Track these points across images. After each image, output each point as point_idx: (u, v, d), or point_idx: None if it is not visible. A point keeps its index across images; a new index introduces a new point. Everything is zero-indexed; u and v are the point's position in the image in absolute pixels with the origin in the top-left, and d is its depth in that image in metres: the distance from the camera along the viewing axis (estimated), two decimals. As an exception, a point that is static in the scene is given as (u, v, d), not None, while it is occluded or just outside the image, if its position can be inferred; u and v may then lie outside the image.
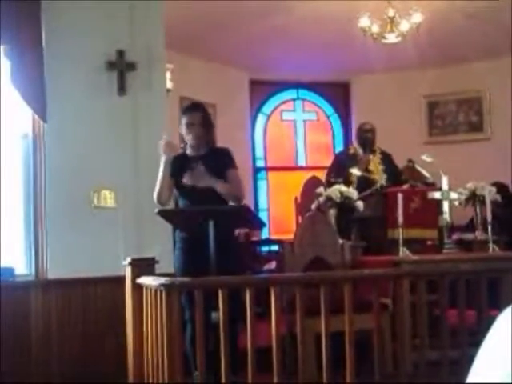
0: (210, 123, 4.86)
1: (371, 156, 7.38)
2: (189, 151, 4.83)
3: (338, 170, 7.28)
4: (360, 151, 7.44)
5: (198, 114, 4.77)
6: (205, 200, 4.55)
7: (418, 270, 4.92)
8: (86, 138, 5.60)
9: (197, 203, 4.60)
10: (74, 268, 5.41)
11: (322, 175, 7.94)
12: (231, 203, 4.72)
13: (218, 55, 8.90)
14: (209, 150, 4.81)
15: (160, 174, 4.70)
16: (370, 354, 4.34)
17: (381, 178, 7.19)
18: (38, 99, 5.40)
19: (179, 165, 4.72)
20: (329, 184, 6.97)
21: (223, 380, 3.76)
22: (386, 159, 7.45)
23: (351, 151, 7.60)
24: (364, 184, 6.94)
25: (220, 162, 4.74)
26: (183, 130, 4.79)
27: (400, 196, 5.77)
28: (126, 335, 4.60)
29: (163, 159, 4.71)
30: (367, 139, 7.46)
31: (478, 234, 6.26)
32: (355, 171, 7.03)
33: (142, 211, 5.53)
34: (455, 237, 6.38)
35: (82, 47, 5.62)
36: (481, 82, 9.53)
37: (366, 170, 7.25)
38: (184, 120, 4.78)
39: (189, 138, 4.77)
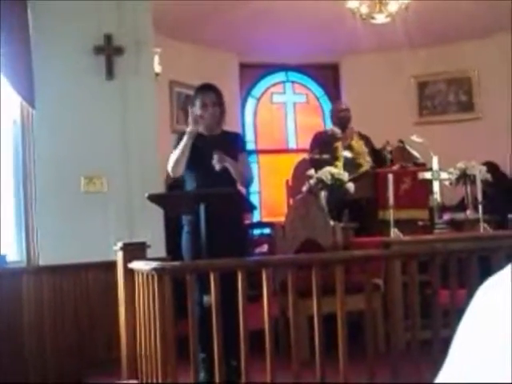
0: (223, 103, 4.84)
1: (348, 132, 7.36)
2: (202, 130, 4.77)
3: (321, 147, 7.25)
4: (337, 131, 7.40)
5: (213, 93, 4.76)
6: (218, 180, 4.53)
7: (409, 251, 4.93)
8: (75, 123, 5.58)
9: (209, 183, 4.56)
10: (65, 254, 5.40)
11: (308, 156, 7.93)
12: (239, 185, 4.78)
13: (207, 39, 8.85)
14: (221, 132, 4.82)
15: (182, 144, 4.63)
16: (362, 334, 4.36)
17: (366, 161, 7.18)
18: (25, 85, 5.37)
19: (192, 143, 4.68)
20: (314, 161, 6.95)
21: (216, 364, 3.77)
22: (364, 139, 7.42)
23: (329, 132, 7.57)
24: (351, 166, 6.94)
25: (233, 145, 4.77)
26: (197, 110, 4.75)
27: (390, 177, 5.77)
28: (118, 320, 4.61)
29: (189, 130, 4.66)
30: (345, 118, 7.42)
31: (469, 214, 6.28)
32: (346, 153, 7.03)
33: (133, 196, 5.52)
34: (446, 217, 6.39)
35: (69, 32, 5.59)
36: (470, 61, 9.51)
37: (350, 147, 7.23)
38: (198, 100, 4.74)
39: (205, 118, 4.74)
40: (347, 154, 7.04)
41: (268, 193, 9.85)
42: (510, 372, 0.76)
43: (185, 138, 4.66)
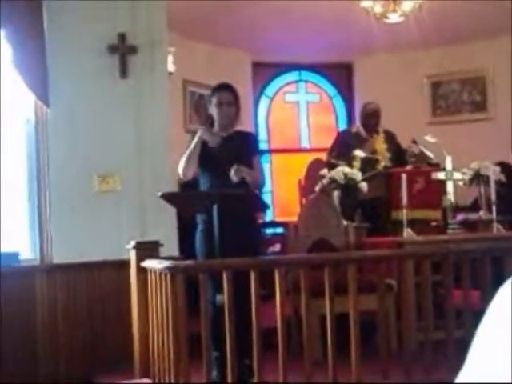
0: (238, 103, 4.84)
1: (375, 135, 7.30)
2: (216, 131, 4.80)
3: (340, 149, 7.21)
4: (363, 131, 7.34)
5: (229, 93, 4.77)
6: (231, 179, 4.54)
7: (422, 251, 4.92)
8: (89, 122, 5.59)
9: (222, 182, 4.57)
10: (78, 252, 5.42)
11: (325, 157, 7.92)
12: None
13: (220, 38, 8.86)
14: (234, 132, 4.82)
15: (192, 146, 4.67)
16: (374, 334, 4.35)
17: (384, 158, 7.14)
18: (40, 84, 5.39)
19: (205, 142, 4.70)
20: (329, 165, 6.92)
21: (229, 362, 3.77)
22: (390, 138, 7.36)
23: (354, 130, 7.51)
24: (367, 164, 6.90)
25: (246, 146, 4.76)
26: (213, 109, 4.76)
27: (404, 177, 5.76)
28: (131, 318, 4.62)
29: (199, 133, 4.69)
30: (370, 124, 7.33)
31: (483, 214, 6.25)
32: (359, 153, 6.99)
33: (146, 194, 5.53)
34: (459, 217, 6.36)
35: (84, 31, 5.60)
36: (484, 60, 9.47)
37: (373, 151, 7.18)
38: (214, 99, 4.74)
39: (219, 117, 4.75)
40: (361, 153, 6.98)
41: (281, 192, 9.84)
42: None
43: (193, 142, 4.67)
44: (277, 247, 8.20)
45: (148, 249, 4.51)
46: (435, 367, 4.08)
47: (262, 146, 10.01)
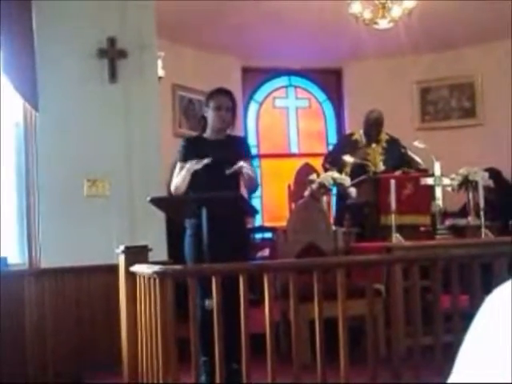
0: (235, 110, 4.84)
1: (374, 145, 7.28)
2: (207, 134, 4.80)
3: (336, 156, 7.21)
4: (364, 139, 7.31)
5: (228, 98, 4.77)
6: (222, 183, 4.54)
7: (411, 256, 4.93)
8: (78, 126, 5.58)
9: (213, 186, 4.56)
10: (67, 257, 5.40)
11: (314, 162, 7.92)
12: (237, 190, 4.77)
13: (210, 43, 8.87)
14: (226, 137, 4.82)
15: (182, 175, 4.62)
16: (363, 339, 4.35)
17: (377, 168, 7.13)
18: (29, 88, 5.38)
19: (196, 148, 4.70)
20: (325, 170, 6.95)
21: (217, 367, 3.77)
22: (392, 146, 7.28)
23: (355, 137, 7.46)
24: (359, 171, 6.90)
25: (238, 150, 4.75)
26: (210, 112, 4.75)
27: (393, 182, 5.77)
28: (120, 323, 4.60)
29: (188, 167, 4.61)
30: (371, 134, 7.29)
31: (471, 220, 6.27)
32: (348, 158, 7.00)
33: (135, 199, 5.53)
34: (448, 222, 6.38)
35: (73, 35, 5.60)
36: (473, 67, 9.52)
37: (365, 159, 7.17)
38: (213, 103, 4.74)
39: (215, 121, 4.74)
40: (350, 159, 6.99)
41: (270, 197, 9.85)
42: None
43: (185, 171, 4.64)
44: (266, 252, 8.20)
45: (137, 253, 4.49)
46: (424, 372, 4.09)
47: (252, 150, 10.02)
